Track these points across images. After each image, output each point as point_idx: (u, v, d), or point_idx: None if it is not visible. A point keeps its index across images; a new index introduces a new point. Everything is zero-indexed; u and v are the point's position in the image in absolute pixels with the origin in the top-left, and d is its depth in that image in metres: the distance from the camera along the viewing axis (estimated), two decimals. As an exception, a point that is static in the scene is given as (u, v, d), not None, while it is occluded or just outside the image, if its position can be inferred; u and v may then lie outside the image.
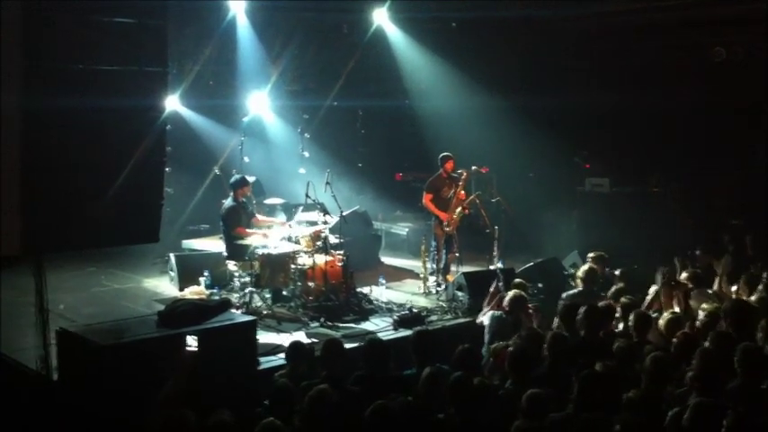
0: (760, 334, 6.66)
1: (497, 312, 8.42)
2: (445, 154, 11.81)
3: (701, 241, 11.50)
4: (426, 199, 11.79)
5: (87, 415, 6.72)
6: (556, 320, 8.01)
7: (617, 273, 9.70)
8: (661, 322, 7.48)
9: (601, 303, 7.95)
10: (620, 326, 7.80)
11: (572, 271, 11.85)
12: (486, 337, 8.20)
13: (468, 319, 9.85)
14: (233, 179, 10.92)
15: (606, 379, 5.65)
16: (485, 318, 8.54)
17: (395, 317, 9.78)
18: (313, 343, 8.25)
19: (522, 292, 8.59)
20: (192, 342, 6.18)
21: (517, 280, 9.34)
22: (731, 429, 4.68)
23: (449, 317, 10.18)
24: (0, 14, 6.87)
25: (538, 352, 6.74)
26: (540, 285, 10.56)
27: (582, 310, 7.29)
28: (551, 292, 9.70)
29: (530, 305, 8.71)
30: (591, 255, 10.16)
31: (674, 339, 6.77)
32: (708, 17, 12.79)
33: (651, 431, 5.04)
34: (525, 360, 6.34)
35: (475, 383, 5.71)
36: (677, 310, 8.04)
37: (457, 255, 11.67)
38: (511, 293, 8.49)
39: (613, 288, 8.77)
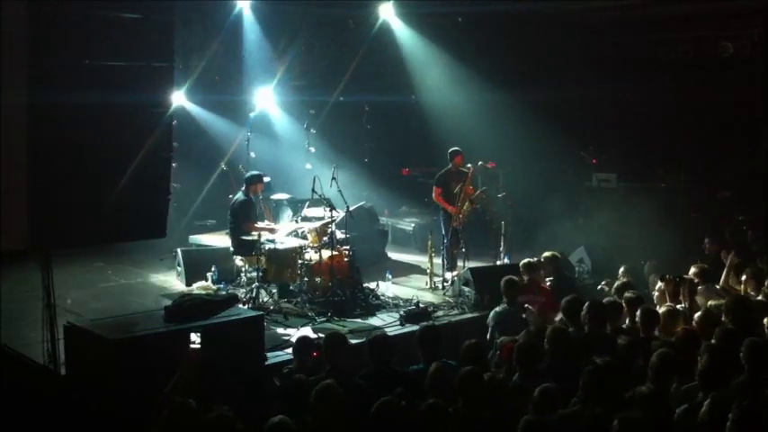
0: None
1: (501, 306, 8.47)
2: (455, 149, 11.85)
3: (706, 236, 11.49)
4: (436, 193, 11.83)
5: (95, 409, 6.75)
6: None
7: (621, 269, 9.69)
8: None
9: (606, 300, 7.94)
10: (627, 321, 7.77)
11: (582, 266, 11.89)
12: (489, 331, 8.23)
13: (474, 315, 9.85)
14: (248, 174, 10.89)
15: (613, 374, 5.63)
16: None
17: (401, 312, 9.77)
18: (320, 338, 8.25)
19: (514, 278, 8.74)
20: (195, 339, 6.20)
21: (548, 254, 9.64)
22: (737, 424, 4.67)
23: (455, 312, 10.16)
24: (5, 10, 6.88)
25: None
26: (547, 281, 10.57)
27: (586, 305, 7.29)
28: (558, 287, 9.68)
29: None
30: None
31: (676, 335, 6.79)
32: (716, 11, 12.75)
33: (658, 427, 5.02)
34: (532, 354, 6.32)
35: (485, 378, 5.71)
36: (681, 305, 8.02)
37: (463, 250, 11.66)
38: (503, 280, 8.66)
39: (617, 283, 8.76)
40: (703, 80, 13.28)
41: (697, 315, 7.28)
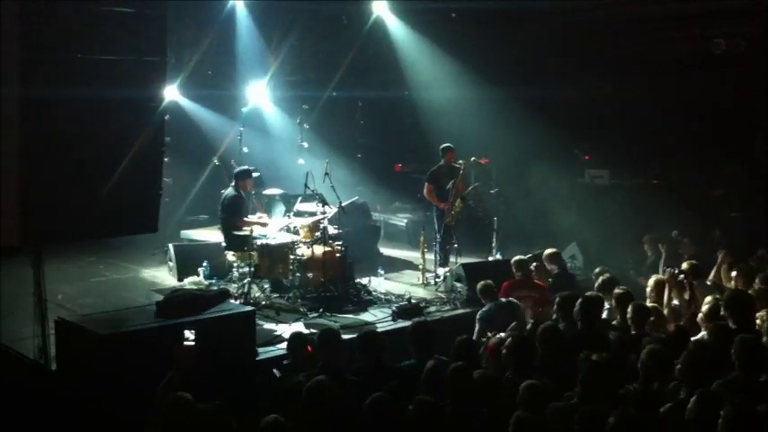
0: (765, 326, 6.66)
1: (486, 306, 8.50)
2: (446, 145, 11.87)
3: (698, 233, 11.54)
4: (427, 189, 11.84)
5: (86, 405, 6.73)
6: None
7: (597, 270, 9.67)
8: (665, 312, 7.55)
9: (588, 294, 7.95)
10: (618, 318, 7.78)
11: (574, 262, 11.91)
12: (476, 329, 8.26)
13: (466, 310, 9.86)
14: (237, 169, 10.90)
15: (610, 369, 5.63)
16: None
17: (393, 308, 9.78)
18: (312, 333, 8.25)
19: (489, 282, 8.86)
20: (189, 336, 6.18)
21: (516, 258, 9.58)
22: (729, 421, 4.67)
23: (447, 308, 10.18)
24: (-1, 3, 6.87)
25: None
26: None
27: (578, 302, 7.30)
28: (559, 283, 9.67)
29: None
30: (548, 251, 10.19)
31: (668, 333, 6.81)
32: (709, 9, 12.76)
33: (647, 424, 5.03)
34: (526, 351, 6.32)
35: (475, 375, 5.71)
36: (676, 302, 8.05)
37: (456, 246, 11.66)
38: (479, 287, 8.83)
39: (600, 279, 8.75)
40: (699, 78, 13.30)
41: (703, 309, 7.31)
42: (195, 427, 5.06)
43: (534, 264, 9.76)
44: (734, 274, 8.82)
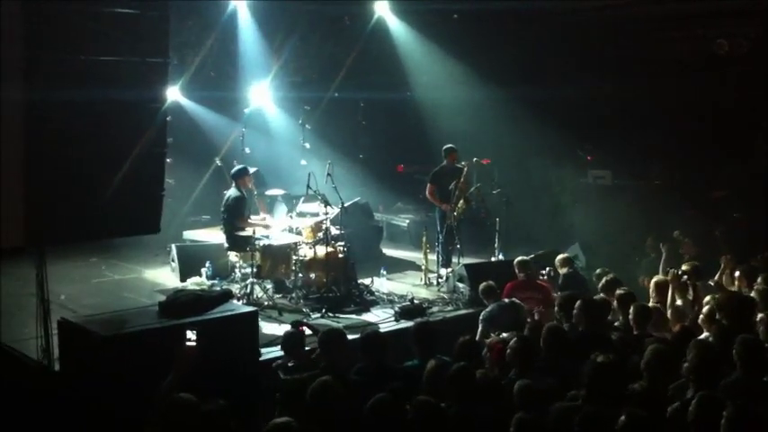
0: (761, 327, 6.66)
1: (489, 307, 8.50)
2: (449, 146, 11.88)
3: (699, 233, 11.54)
4: (429, 190, 11.86)
5: (88, 405, 6.74)
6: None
7: (597, 271, 9.65)
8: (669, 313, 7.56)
9: (596, 297, 7.94)
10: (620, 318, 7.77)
11: (576, 263, 11.89)
12: (480, 329, 8.25)
13: (469, 311, 9.86)
14: (234, 169, 10.92)
15: (615, 370, 5.62)
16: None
17: (396, 308, 9.78)
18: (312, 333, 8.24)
19: (491, 283, 8.85)
20: (191, 336, 6.18)
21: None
22: (731, 422, 4.67)
23: (450, 308, 10.19)
24: (1, 5, 6.86)
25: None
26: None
27: (578, 303, 7.28)
28: (568, 285, 9.64)
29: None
30: (560, 256, 10.19)
31: (672, 333, 6.81)
32: (710, 9, 12.74)
33: (653, 424, 5.02)
34: (530, 352, 6.32)
35: (477, 376, 5.71)
36: (680, 302, 8.05)
37: (458, 246, 11.67)
38: (481, 288, 8.84)
39: (604, 280, 8.74)
40: (699, 78, 13.28)
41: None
42: (194, 427, 5.06)
43: (548, 268, 9.76)
44: (737, 274, 8.82)
